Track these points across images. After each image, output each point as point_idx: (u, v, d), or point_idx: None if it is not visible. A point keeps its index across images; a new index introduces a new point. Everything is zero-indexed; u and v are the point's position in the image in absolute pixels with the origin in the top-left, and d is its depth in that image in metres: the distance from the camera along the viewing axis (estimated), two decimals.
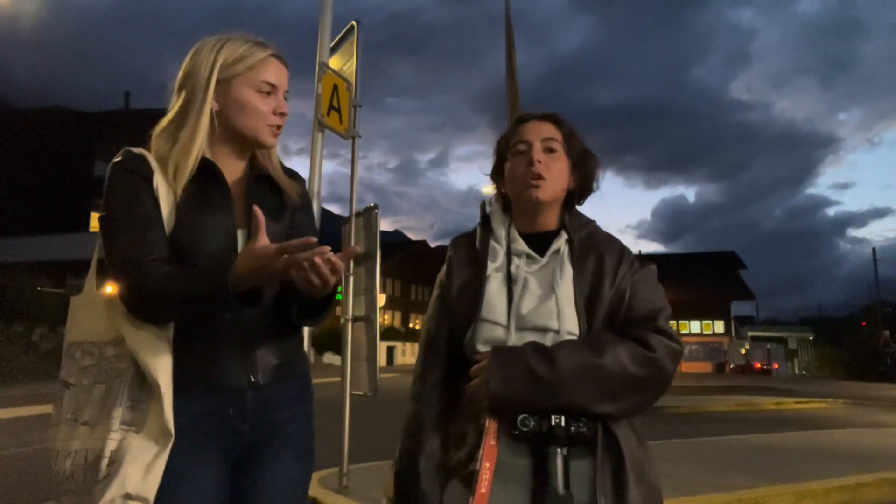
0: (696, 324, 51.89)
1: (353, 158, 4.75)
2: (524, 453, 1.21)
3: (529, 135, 1.37)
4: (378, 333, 4.39)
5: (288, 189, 1.41)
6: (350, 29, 4.78)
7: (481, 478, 1.16)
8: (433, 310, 1.41)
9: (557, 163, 1.36)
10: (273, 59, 1.35)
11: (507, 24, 7.02)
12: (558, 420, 1.17)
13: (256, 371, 1.30)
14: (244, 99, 1.32)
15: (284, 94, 1.38)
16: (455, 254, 1.42)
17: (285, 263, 1.13)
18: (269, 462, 1.31)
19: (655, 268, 1.36)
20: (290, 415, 1.36)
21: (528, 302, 1.27)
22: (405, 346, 41.71)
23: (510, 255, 1.34)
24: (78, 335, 1.28)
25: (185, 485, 1.20)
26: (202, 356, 1.26)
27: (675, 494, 4.41)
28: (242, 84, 1.31)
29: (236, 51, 1.32)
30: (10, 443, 6.92)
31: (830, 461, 5.86)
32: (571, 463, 1.18)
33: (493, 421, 1.20)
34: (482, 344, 1.26)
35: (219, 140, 1.35)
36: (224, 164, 1.35)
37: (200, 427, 1.24)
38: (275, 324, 1.33)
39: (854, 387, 23.89)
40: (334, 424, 4.37)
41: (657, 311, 1.28)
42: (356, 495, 4.25)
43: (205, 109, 1.30)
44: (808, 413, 12.86)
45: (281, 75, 1.36)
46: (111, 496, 1.11)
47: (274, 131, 1.36)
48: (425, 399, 1.33)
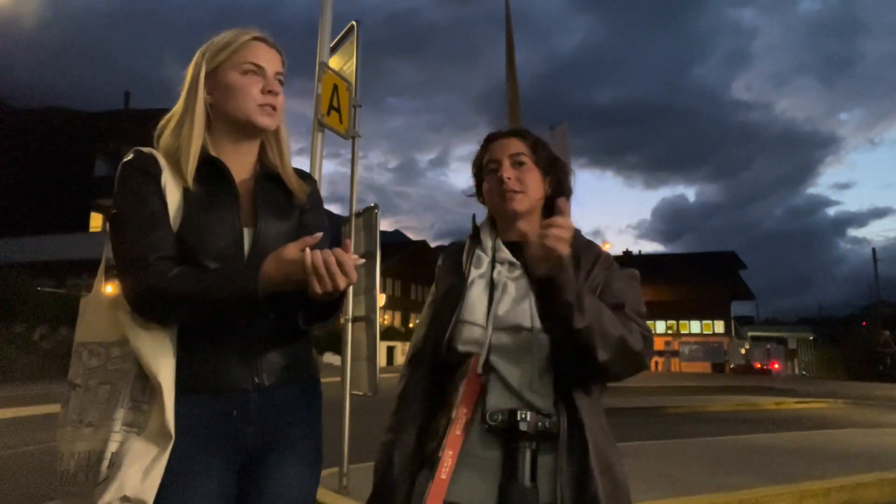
0: (696, 324, 51.85)
1: (353, 158, 4.75)
2: (495, 447, 1.26)
3: (497, 153, 1.46)
4: (378, 333, 4.39)
5: (296, 189, 1.39)
6: (350, 29, 4.78)
7: (442, 464, 1.23)
8: (423, 315, 1.52)
9: (528, 174, 1.44)
10: (257, 41, 1.34)
11: (507, 25, 7.02)
12: (524, 415, 1.22)
13: (261, 373, 1.28)
14: (230, 82, 1.31)
15: (278, 77, 1.36)
16: (443, 263, 1.53)
17: (309, 269, 1.14)
18: (275, 466, 1.29)
19: (636, 272, 1.42)
20: (297, 418, 1.34)
21: (506, 304, 1.34)
22: (405, 346, 41.68)
23: (494, 263, 1.42)
24: (85, 336, 1.28)
25: (190, 488, 1.19)
26: (206, 358, 1.25)
27: (675, 494, 4.41)
28: (228, 69, 1.32)
29: (222, 40, 1.33)
30: (10, 443, 6.92)
31: (830, 461, 5.86)
32: (539, 458, 1.24)
33: (461, 413, 1.27)
34: (461, 344, 1.34)
35: (220, 134, 1.34)
36: (231, 160, 1.33)
37: (205, 430, 1.23)
38: (280, 326, 1.30)
39: (854, 387, 23.90)
40: (334, 424, 4.35)
41: (623, 303, 1.32)
42: (356, 495, 4.25)
43: (198, 100, 1.30)
44: (808, 413, 12.86)
45: (268, 57, 1.34)
46: (109, 498, 1.11)
47: (267, 111, 1.33)
48: (407, 397, 1.42)
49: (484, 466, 1.26)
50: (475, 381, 1.29)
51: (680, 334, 49.49)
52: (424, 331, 1.46)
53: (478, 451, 1.27)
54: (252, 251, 1.28)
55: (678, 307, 47.27)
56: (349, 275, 1.15)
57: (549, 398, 1.27)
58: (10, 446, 6.72)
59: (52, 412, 9.59)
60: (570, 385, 1.27)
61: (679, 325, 50.77)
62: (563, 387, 1.27)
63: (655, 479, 4.89)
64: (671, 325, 49.99)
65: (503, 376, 1.28)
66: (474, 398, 1.28)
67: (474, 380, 1.29)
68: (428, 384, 1.40)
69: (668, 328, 49.70)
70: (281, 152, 1.41)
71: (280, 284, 1.17)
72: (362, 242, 4.59)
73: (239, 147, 1.36)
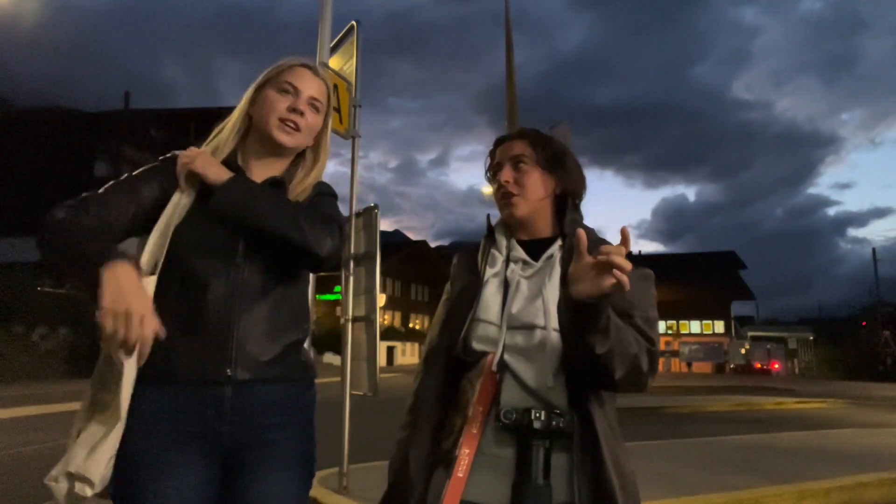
0: (696, 324, 51.91)
1: (353, 158, 4.75)
2: (509, 445, 1.26)
3: (500, 156, 1.47)
4: (378, 333, 4.39)
5: (293, 190, 1.40)
6: (350, 29, 4.79)
7: (459, 462, 1.23)
8: (438, 314, 1.52)
9: (527, 176, 1.43)
10: (302, 68, 1.43)
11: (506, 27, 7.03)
12: (538, 414, 1.23)
13: (236, 366, 1.25)
14: (266, 97, 1.40)
15: (313, 102, 1.42)
16: (459, 262, 1.53)
17: None
18: (254, 470, 1.26)
19: (649, 272, 1.38)
20: (282, 421, 1.30)
21: (519, 303, 1.34)
22: (405, 346, 41.73)
23: (508, 262, 1.42)
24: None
25: (162, 480, 1.18)
26: (181, 347, 1.23)
27: (675, 494, 4.41)
28: (270, 86, 1.41)
29: (278, 62, 1.44)
30: (10, 443, 6.93)
31: (830, 461, 5.87)
32: (553, 456, 1.24)
33: (478, 411, 1.27)
34: (476, 342, 1.33)
35: (251, 144, 1.42)
36: (254, 171, 1.40)
37: (179, 426, 1.22)
38: (266, 320, 1.29)
39: (854, 387, 23.93)
40: (334, 424, 4.37)
41: (633, 308, 1.29)
42: (356, 495, 4.25)
43: (241, 109, 1.41)
44: (808, 413, 12.87)
45: (307, 82, 1.42)
46: (55, 473, 1.14)
47: (285, 128, 1.38)
48: (423, 394, 1.42)
49: (498, 465, 1.26)
50: (490, 380, 1.29)
51: (680, 334, 49.53)
52: (439, 329, 1.47)
53: (492, 450, 1.27)
54: (244, 254, 1.30)
55: (678, 307, 47.29)
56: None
57: (563, 396, 1.26)
58: (10, 446, 6.72)
59: (51, 412, 9.59)
60: (582, 384, 1.27)
61: (679, 325, 50.81)
62: (576, 385, 1.27)
63: (655, 479, 4.89)
64: (671, 325, 50.00)
65: (517, 374, 1.28)
66: (490, 396, 1.28)
67: (489, 378, 1.29)
68: (443, 382, 1.39)
69: (668, 328, 49.72)
70: (308, 174, 1.44)
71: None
72: (362, 242, 4.60)
73: (263, 160, 1.42)
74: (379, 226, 4.49)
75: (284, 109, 1.38)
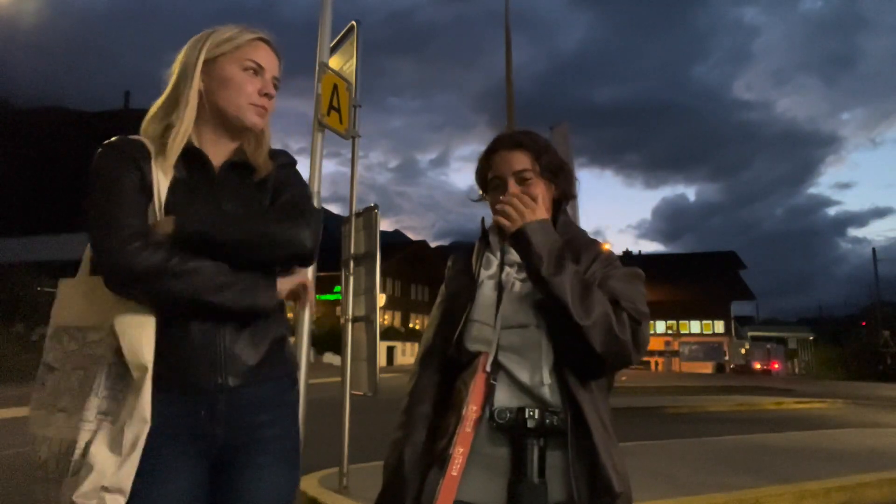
0: (696, 324, 51.89)
1: (353, 158, 4.75)
2: (503, 444, 1.28)
3: (502, 168, 1.46)
4: (378, 333, 4.38)
5: (261, 169, 1.36)
6: (350, 29, 4.78)
7: (453, 461, 1.24)
8: (433, 315, 1.54)
9: (534, 188, 1.44)
10: (261, 42, 1.35)
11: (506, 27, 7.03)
12: (532, 413, 1.24)
13: (226, 375, 1.25)
14: (228, 75, 1.31)
15: (274, 82, 1.37)
16: (453, 265, 1.56)
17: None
18: (246, 468, 1.27)
19: (639, 270, 1.41)
20: (270, 418, 1.31)
21: (513, 304, 1.36)
22: (405, 346, 41.72)
23: (503, 265, 1.43)
24: (65, 319, 1.26)
25: (158, 486, 1.18)
26: (174, 356, 1.22)
27: (676, 494, 4.41)
28: (228, 62, 1.32)
29: (225, 33, 1.34)
30: (10, 443, 6.92)
31: (830, 461, 5.87)
32: (548, 454, 1.25)
33: (472, 411, 1.28)
34: (471, 342, 1.36)
35: (204, 123, 1.33)
36: (210, 151, 1.33)
37: (174, 430, 1.22)
38: (249, 325, 1.29)
39: (854, 387, 23.92)
40: (334, 424, 4.37)
41: (618, 298, 1.30)
42: (356, 495, 4.25)
43: (193, 86, 1.30)
44: (808, 413, 12.87)
45: (269, 59, 1.35)
46: (88, 488, 1.10)
47: (259, 111, 1.33)
48: (418, 394, 1.43)
49: (492, 464, 1.27)
50: (484, 380, 1.31)
51: (680, 334, 49.53)
52: (434, 330, 1.49)
53: (486, 449, 1.28)
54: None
55: (678, 307, 47.30)
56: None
57: (557, 395, 1.28)
58: (10, 446, 6.72)
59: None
60: (575, 383, 1.28)
61: (679, 325, 50.80)
62: (568, 384, 1.28)
63: (655, 479, 4.89)
64: (671, 325, 50.01)
65: (511, 374, 1.30)
66: (484, 396, 1.30)
67: (483, 378, 1.31)
68: (438, 382, 1.42)
69: (668, 328, 49.73)
70: (260, 144, 1.39)
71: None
72: (362, 242, 4.60)
73: (220, 139, 1.35)
74: (379, 226, 4.49)
75: (254, 93, 1.32)
